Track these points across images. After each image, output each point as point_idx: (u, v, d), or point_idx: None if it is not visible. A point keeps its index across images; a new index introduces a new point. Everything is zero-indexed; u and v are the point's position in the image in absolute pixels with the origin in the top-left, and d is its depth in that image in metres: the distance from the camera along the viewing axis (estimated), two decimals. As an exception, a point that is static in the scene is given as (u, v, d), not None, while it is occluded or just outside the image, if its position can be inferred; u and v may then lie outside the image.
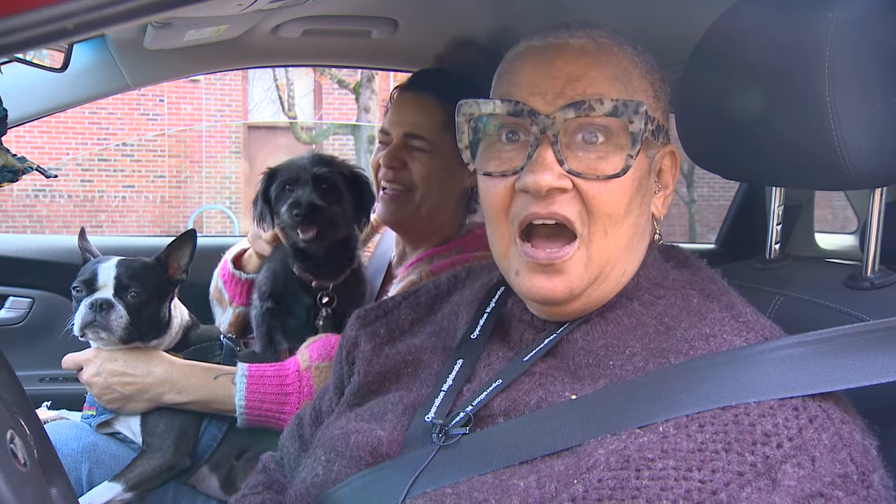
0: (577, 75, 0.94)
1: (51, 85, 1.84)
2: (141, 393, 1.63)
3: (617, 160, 0.93)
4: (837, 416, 0.82)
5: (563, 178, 0.92)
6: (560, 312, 1.00)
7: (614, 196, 0.93)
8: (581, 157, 0.93)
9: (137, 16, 0.66)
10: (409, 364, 1.10)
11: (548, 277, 0.95)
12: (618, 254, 0.96)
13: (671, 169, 1.04)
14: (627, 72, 0.96)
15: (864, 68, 1.02)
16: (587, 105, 0.91)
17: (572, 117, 0.92)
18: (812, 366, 0.85)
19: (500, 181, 0.97)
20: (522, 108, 0.94)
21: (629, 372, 0.91)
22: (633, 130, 0.92)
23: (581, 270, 0.95)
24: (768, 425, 0.80)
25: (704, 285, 1.01)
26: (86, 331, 1.59)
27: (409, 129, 1.73)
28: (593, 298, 0.98)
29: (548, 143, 0.92)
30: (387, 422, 1.02)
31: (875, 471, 0.81)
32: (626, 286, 1.00)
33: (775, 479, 0.76)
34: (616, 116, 0.92)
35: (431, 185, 1.73)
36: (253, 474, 1.27)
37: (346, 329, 1.23)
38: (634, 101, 0.92)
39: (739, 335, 0.92)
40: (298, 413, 1.32)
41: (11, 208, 11.38)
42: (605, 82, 0.94)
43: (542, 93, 0.94)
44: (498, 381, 0.97)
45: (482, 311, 1.09)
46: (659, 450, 0.80)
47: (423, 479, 0.91)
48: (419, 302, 1.20)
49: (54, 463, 0.80)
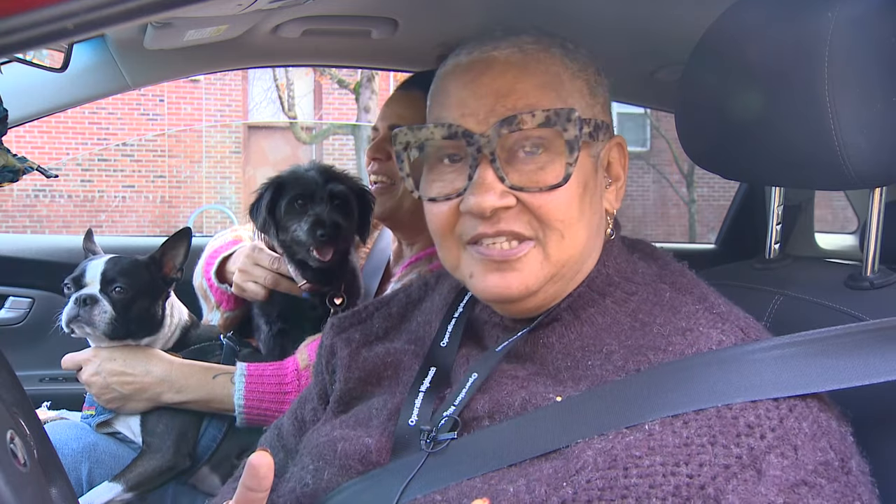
0: (506, 91, 0.94)
1: (51, 85, 1.84)
2: (140, 392, 1.63)
3: (558, 168, 0.92)
4: (815, 405, 0.83)
5: (506, 195, 0.92)
6: (519, 310, 0.99)
7: (561, 204, 0.93)
8: (521, 169, 0.93)
9: (137, 16, 0.66)
10: (389, 367, 1.10)
11: (502, 275, 0.94)
12: (576, 254, 0.96)
13: (620, 159, 1.04)
14: (557, 76, 0.96)
15: (863, 68, 1.02)
16: (518, 119, 0.91)
17: (506, 133, 0.92)
18: (804, 366, 0.85)
19: (444, 204, 0.97)
20: (456, 130, 0.94)
21: (609, 371, 0.91)
22: (569, 138, 0.92)
23: (537, 268, 0.94)
24: (751, 417, 0.80)
25: (675, 279, 1.01)
26: (72, 325, 1.60)
27: (394, 121, 1.75)
28: (549, 295, 0.98)
29: (486, 162, 0.92)
30: (373, 428, 1.02)
31: (852, 457, 0.82)
32: (595, 279, 0.99)
33: (760, 469, 0.77)
34: (549, 126, 0.91)
35: None
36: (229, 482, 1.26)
37: (322, 338, 1.22)
38: (565, 109, 0.92)
39: (715, 327, 0.92)
40: (275, 423, 1.31)
41: (11, 208, 11.39)
42: (536, 92, 0.94)
43: (472, 113, 0.94)
44: (473, 374, 0.97)
45: (450, 316, 1.09)
46: (646, 447, 0.80)
47: (413, 486, 0.91)
48: (391, 312, 1.19)
49: (54, 463, 0.80)
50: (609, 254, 1.02)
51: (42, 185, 11.11)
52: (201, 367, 1.68)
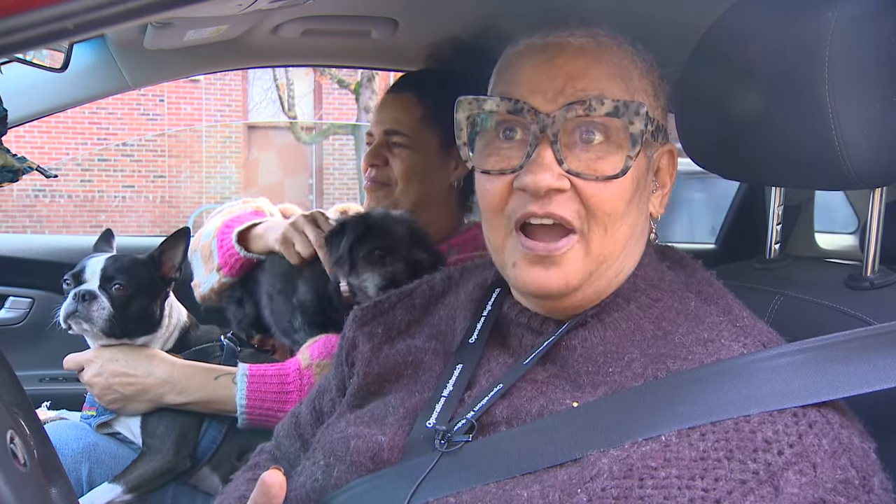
0: (578, 74, 0.94)
1: (51, 85, 1.84)
2: (142, 393, 1.63)
3: (616, 160, 0.92)
4: (836, 421, 0.82)
5: (562, 178, 0.92)
6: (556, 308, 0.99)
7: (613, 196, 0.93)
8: (580, 156, 0.93)
9: (137, 16, 0.66)
10: (409, 365, 1.10)
11: (545, 269, 0.94)
12: (616, 252, 0.96)
13: (669, 168, 1.04)
14: (628, 71, 0.96)
15: (863, 68, 1.02)
16: (588, 104, 0.91)
17: (573, 116, 0.91)
18: (814, 373, 0.84)
19: (497, 179, 0.97)
20: (523, 105, 0.93)
21: (628, 378, 0.91)
22: (634, 132, 0.92)
23: (578, 264, 0.94)
24: (769, 432, 0.79)
25: (701, 287, 1.00)
26: (69, 321, 1.60)
27: (389, 125, 1.75)
28: (588, 294, 0.98)
29: (547, 143, 0.92)
30: (387, 426, 1.01)
31: (875, 475, 0.81)
32: (623, 286, 0.99)
33: (778, 486, 0.76)
34: (617, 117, 0.91)
35: (410, 181, 1.74)
36: (242, 470, 1.26)
37: (344, 330, 1.22)
38: (636, 102, 0.92)
39: (738, 340, 0.91)
40: (293, 410, 1.31)
41: (11, 208, 11.38)
42: (606, 81, 0.94)
43: (542, 91, 0.94)
44: (499, 385, 0.97)
45: (479, 314, 1.08)
46: (662, 458, 0.80)
47: (425, 487, 0.90)
48: (414, 304, 1.19)
49: (54, 463, 0.80)
50: (640, 261, 1.01)
51: (42, 185, 11.11)
52: (203, 368, 1.68)
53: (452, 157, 1.74)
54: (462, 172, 1.75)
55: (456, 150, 0.95)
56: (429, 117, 1.74)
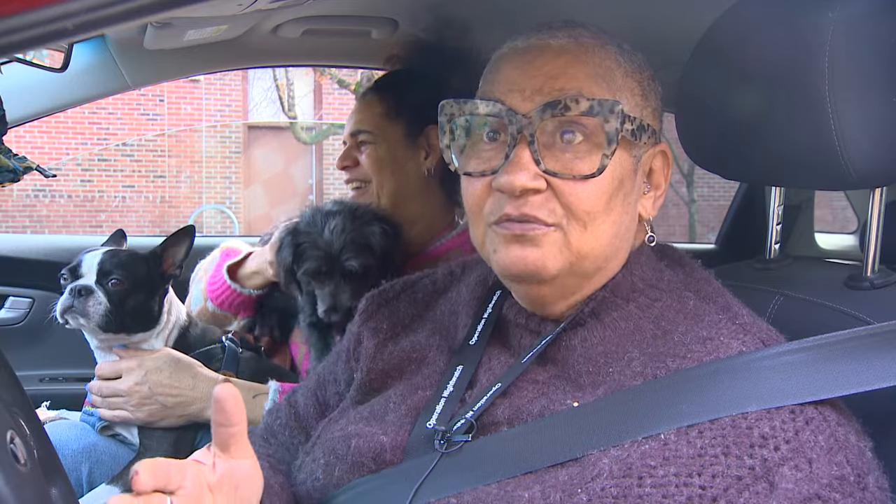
0: (556, 73, 0.94)
1: (51, 85, 1.84)
2: (183, 406, 1.60)
3: (594, 160, 0.92)
4: (833, 419, 0.82)
5: (538, 178, 0.92)
6: (540, 298, 0.99)
7: (591, 195, 0.93)
8: (559, 156, 0.93)
9: (137, 16, 0.66)
10: (414, 361, 1.10)
11: (521, 247, 0.94)
12: (598, 250, 0.95)
13: (663, 169, 1.04)
14: (610, 70, 0.96)
15: (864, 68, 1.02)
16: (563, 104, 0.91)
17: (549, 116, 0.92)
18: (813, 372, 0.84)
19: (478, 180, 0.98)
20: (500, 107, 0.94)
21: (628, 377, 0.91)
22: (609, 130, 0.92)
23: (556, 250, 0.94)
24: (765, 428, 0.80)
25: (700, 287, 1.00)
26: (66, 316, 1.58)
27: (354, 127, 1.80)
28: (569, 288, 0.98)
29: (524, 143, 0.92)
30: (388, 424, 1.02)
31: (870, 473, 0.81)
32: (620, 286, 0.99)
33: (773, 482, 0.76)
34: (593, 116, 0.91)
35: (383, 172, 1.77)
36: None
37: (351, 324, 1.23)
38: (610, 101, 0.92)
39: (737, 338, 0.91)
40: (287, 398, 1.29)
41: (11, 208, 11.39)
42: (585, 80, 0.94)
43: (520, 90, 0.94)
44: (498, 384, 0.97)
45: (480, 316, 1.09)
46: (660, 457, 0.80)
47: (426, 488, 0.90)
48: (416, 298, 1.20)
49: (54, 463, 0.80)
50: (637, 261, 1.01)
51: (42, 185, 11.11)
52: (242, 386, 1.63)
53: (421, 147, 1.76)
54: (434, 161, 1.75)
55: (424, 141, 0.96)
56: (391, 111, 1.77)
